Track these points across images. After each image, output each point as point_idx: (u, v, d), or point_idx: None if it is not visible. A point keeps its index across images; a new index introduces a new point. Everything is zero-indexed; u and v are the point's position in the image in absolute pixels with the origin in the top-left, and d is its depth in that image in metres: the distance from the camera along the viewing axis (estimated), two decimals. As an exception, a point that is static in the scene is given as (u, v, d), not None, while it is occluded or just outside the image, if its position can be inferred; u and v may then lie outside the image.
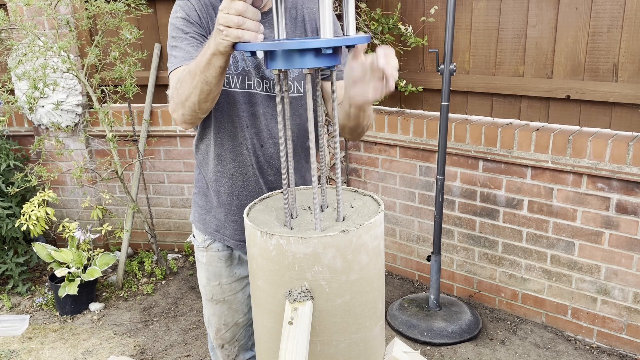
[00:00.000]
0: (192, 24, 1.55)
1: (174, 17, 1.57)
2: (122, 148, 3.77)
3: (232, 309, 1.89)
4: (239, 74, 1.59)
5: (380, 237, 1.26)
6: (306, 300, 1.16)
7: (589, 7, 2.67)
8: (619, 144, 2.56)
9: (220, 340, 1.93)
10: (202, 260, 1.86)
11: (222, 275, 1.85)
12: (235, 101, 1.61)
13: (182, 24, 1.55)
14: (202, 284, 1.89)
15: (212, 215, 1.79)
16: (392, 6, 3.25)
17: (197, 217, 1.85)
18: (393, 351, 1.35)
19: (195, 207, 1.85)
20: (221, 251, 1.82)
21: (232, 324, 1.91)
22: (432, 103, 3.34)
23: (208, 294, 1.87)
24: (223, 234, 1.79)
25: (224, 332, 1.92)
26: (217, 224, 1.78)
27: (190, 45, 1.52)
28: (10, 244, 3.55)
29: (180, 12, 1.56)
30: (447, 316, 3.03)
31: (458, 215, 3.22)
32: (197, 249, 1.88)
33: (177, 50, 1.54)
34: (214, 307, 1.88)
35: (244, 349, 1.99)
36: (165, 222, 4.00)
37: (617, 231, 2.67)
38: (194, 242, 1.89)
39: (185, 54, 1.51)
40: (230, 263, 1.85)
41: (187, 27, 1.54)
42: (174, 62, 1.52)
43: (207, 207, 1.80)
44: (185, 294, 3.51)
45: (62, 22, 3.33)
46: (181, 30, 1.54)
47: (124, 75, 3.23)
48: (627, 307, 2.73)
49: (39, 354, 2.95)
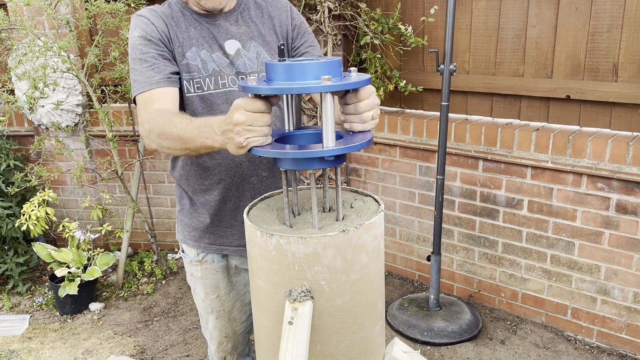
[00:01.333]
0: (150, 42, 1.51)
1: (131, 36, 1.54)
2: (122, 148, 3.77)
3: (231, 319, 1.87)
4: (210, 76, 1.57)
5: (380, 237, 1.26)
6: (306, 300, 1.16)
7: (589, 7, 2.67)
8: (619, 144, 2.56)
9: (223, 353, 1.92)
10: (197, 275, 1.80)
11: (220, 287, 1.81)
12: (212, 103, 1.58)
13: (140, 43, 1.51)
14: (199, 298, 1.84)
15: (201, 231, 1.74)
16: (392, 6, 3.25)
17: (186, 236, 1.79)
18: (393, 351, 1.35)
19: (182, 226, 1.80)
20: (217, 262, 1.78)
21: (232, 334, 1.89)
22: (432, 103, 3.34)
23: (207, 308, 1.84)
24: (220, 244, 1.75)
25: (226, 344, 1.90)
26: (211, 237, 1.74)
27: (151, 69, 1.49)
28: (10, 244, 3.55)
29: (137, 31, 1.52)
30: (447, 316, 3.03)
31: (458, 215, 3.22)
32: (189, 265, 1.82)
33: (137, 73, 1.50)
34: (215, 321, 1.85)
35: (241, 356, 1.98)
36: (165, 222, 4.00)
37: (617, 231, 2.68)
38: (185, 258, 1.83)
39: (146, 78, 1.48)
40: (228, 273, 1.81)
41: (145, 46, 1.51)
42: (137, 87, 1.49)
43: (195, 224, 1.75)
44: (185, 293, 3.51)
45: (62, 22, 3.33)
46: (139, 51, 1.51)
47: (124, 75, 3.23)
48: (627, 307, 2.73)
49: (39, 353, 2.96)
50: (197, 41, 1.57)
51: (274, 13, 1.66)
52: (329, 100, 1.13)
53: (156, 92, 1.47)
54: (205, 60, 1.57)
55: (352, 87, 1.15)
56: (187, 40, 1.56)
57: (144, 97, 1.48)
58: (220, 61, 1.58)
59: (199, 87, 1.57)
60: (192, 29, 1.57)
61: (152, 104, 1.45)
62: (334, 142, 1.14)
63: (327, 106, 1.13)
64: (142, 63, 1.50)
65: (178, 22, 1.57)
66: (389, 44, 3.29)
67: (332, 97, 1.14)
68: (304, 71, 1.14)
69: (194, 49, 1.56)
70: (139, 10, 3.19)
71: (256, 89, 1.14)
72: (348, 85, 1.14)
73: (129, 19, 3.29)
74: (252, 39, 1.62)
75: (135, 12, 1.60)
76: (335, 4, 3.20)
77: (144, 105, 1.47)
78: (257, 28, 1.64)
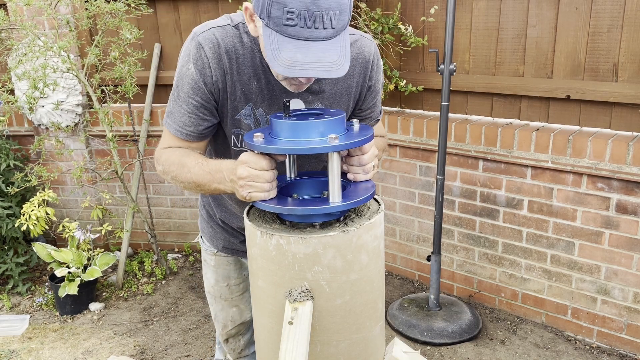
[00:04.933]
0: (200, 89, 1.35)
1: (184, 65, 1.36)
2: (122, 148, 3.77)
3: (239, 308, 1.90)
4: None
5: (380, 237, 1.26)
6: (306, 300, 1.16)
7: (589, 7, 2.67)
8: (619, 144, 2.56)
9: (226, 335, 1.95)
10: (211, 263, 1.85)
11: (231, 277, 1.85)
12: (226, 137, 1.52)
13: (190, 86, 1.35)
14: (209, 283, 1.88)
15: (218, 232, 1.79)
16: (392, 6, 3.25)
17: (204, 228, 1.84)
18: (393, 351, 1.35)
19: (201, 219, 1.85)
20: (230, 256, 1.83)
21: (239, 321, 1.92)
22: (432, 103, 3.33)
23: (216, 293, 1.88)
24: (231, 248, 1.79)
25: (230, 329, 1.93)
26: (225, 241, 1.79)
27: (189, 117, 1.38)
28: (10, 244, 3.55)
29: (192, 67, 1.34)
30: (447, 316, 3.03)
31: (458, 215, 3.22)
32: (205, 251, 1.88)
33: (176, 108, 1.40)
34: (222, 304, 1.89)
35: (250, 342, 2.00)
36: (165, 222, 4.00)
37: (617, 231, 2.67)
38: (202, 245, 1.88)
39: (180, 122, 1.40)
40: (240, 266, 1.86)
41: (193, 90, 1.35)
42: (169, 122, 1.42)
43: (212, 225, 1.80)
44: (185, 294, 3.51)
45: (62, 22, 3.33)
46: (186, 92, 1.36)
47: (124, 75, 3.23)
48: (627, 307, 2.73)
49: (39, 354, 2.95)
50: (256, 97, 1.40)
51: (356, 68, 1.45)
52: (335, 158, 1.16)
53: (184, 142, 1.43)
54: (259, 120, 1.43)
55: (358, 146, 1.18)
56: (246, 95, 1.39)
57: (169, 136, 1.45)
58: None
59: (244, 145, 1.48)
60: (254, 82, 1.38)
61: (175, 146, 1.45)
62: (340, 198, 1.18)
63: (334, 164, 1.16)
64: (182, 104, 1.38)
65: (241, 68, 1.36)
66: (389, 44, 3.28)
67: (339, 154, 1.17)
68: (309, 129, 1.16)
69: (250, 105, 1.41)
70: (138, 9, 3.21)
71: (260, 148, 1.17)
72: (355, 144, 1.17)
73: (129, 19, 3.30)
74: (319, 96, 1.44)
75: (198, 32, 1.35)
76: None
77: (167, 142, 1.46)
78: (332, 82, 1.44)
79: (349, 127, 1.26)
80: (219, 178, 1.26)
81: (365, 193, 1.22)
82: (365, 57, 1.46)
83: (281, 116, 1.21)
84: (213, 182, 1.28)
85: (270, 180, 1.18)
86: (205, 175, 1.30)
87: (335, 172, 1.16)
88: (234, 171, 1.19)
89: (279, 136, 1.19)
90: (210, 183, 1.29)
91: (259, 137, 1.18)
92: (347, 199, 1.18)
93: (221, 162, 1.28)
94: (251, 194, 1.18)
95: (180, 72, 1.38)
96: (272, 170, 1.19)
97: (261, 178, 1.16)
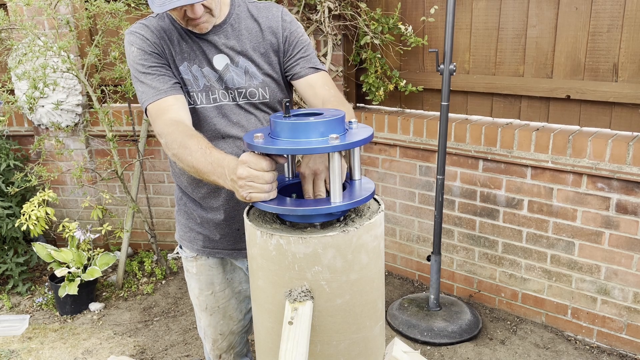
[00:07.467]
0: (150, 55, 1.54)
1: (129, 52, 1.57)
2: (122, 148, 3.77)
3: (226, 317, 1.87)
4: (201, 91, 1.59)
5: (380, 237, 1.26)
6: (306, 300, 1.16)
7: (589, 7, 2.67)
8: (619, 144, 2.56)
9: (218, 351, 1.92)
10: (192, 271, 1.83)
11: (215, 283, 1.83)
12: (206, 116, 1.61)
13: (140, 58, 1.54)
14: (194, 294, 1.86)
15: (197, 232, 1.77)
16: (392, 6, 3.25)
17: (182, 235, 1.83)
18: (393, 351, 1.35)
19: (179, 226, 1.84)
20: (212, 259, 1.81)
21: (228, 332, 1.90)
22: (432, 103, 3.33)
23: (202, 305, 1.85)
24: (212, 248, 1.77)
25: (221, 342, 1.91)
26: (204, 240, 1.77)
27: (157, 79, 1.52)
28: (10, 244, 3.55)
29: (134, 46, 1.55)
30: (447, 316, 3.03)
31: (458, 215, 3.22)
32: (185, 261, 1.86)
33: (144, 85, 1.53)
34: (209, 318, 1.87)
35: (239, 356, 1.98)
36: (165, 222, 4.00)
37: (617, 231, 2.67)
38: (182, 254, 1.87)
39: (154, 89, 1.51)
40: (223, 269, 1.83)
41: (146, 60, 1.54)
42: (146, 98, 1.52)
43: (191, 225, 1.78)
44: (185, 294, 3.51)
45: (62, 22, 3.33)
46: (141, 65, 1.54)
47: (124, 75, 3.23)
48: (627, 307, 2.73)
49: (39, 354, 2.95)
50: (188, 55, 1.58)
51: (265, 24, 1.62)
52: (336, 158, 1.16)
53: (167, 100, 1.49)
54: (196, 76, 1.59)
55: (359, 145, 1.18)
56: (179, 55, 1.58)
57: (155, 106, 1.49)
58: (210, 76, 1.59)
59: (192, 102, 1.59)
60: (183, 43, 1.58)
61: (165, 113, 1.47)
62: (341, 197, 1.17)
63: (335, 164, 1.16)
64: (146, 76, 1.52)
65: (170, 35, 1.58)
66: (389, 44, 3.28)
67: (340, 154, 1.17)
68: (309, 129, 1.16)
69: (185, 63, 1.58)
70: (138, 9, 3.22)
71: (260, 148, 1.17)
72: (355, 144, 1.17)
73: (129, 19, 3.30)
74: (241, 54, 1.60)
75: (127, 29, 1.60)
76: (335, 4, 3.20)
77: (157, 115, 1.48)
78: (248, 40, 1.61)
79: (349, 126, 1.26)
80: (219, 172, 1.26)
81: (365, 193, 1.22)
82: (274, 14, 1.64)
83: (281, 116, 1.21)
84: (213, 175, 1.28)
85: (270, 181, 1.18)
86: (207, 165, 1.29)
87: (336, 172, 1.16)
88: (234, 170, 1.19)
89: (279, 136, 1.19)
90: (210, 174, 1.29)
91: (259, 138, 1.18)
92: (347, 199, 1.18)
93: (224, 157, 1.27)
94: (251, 194, 1.18)
95: (129, 59, 1.56)
96: (272, 172, 1.19)
97: (261, 179, 1.16)
